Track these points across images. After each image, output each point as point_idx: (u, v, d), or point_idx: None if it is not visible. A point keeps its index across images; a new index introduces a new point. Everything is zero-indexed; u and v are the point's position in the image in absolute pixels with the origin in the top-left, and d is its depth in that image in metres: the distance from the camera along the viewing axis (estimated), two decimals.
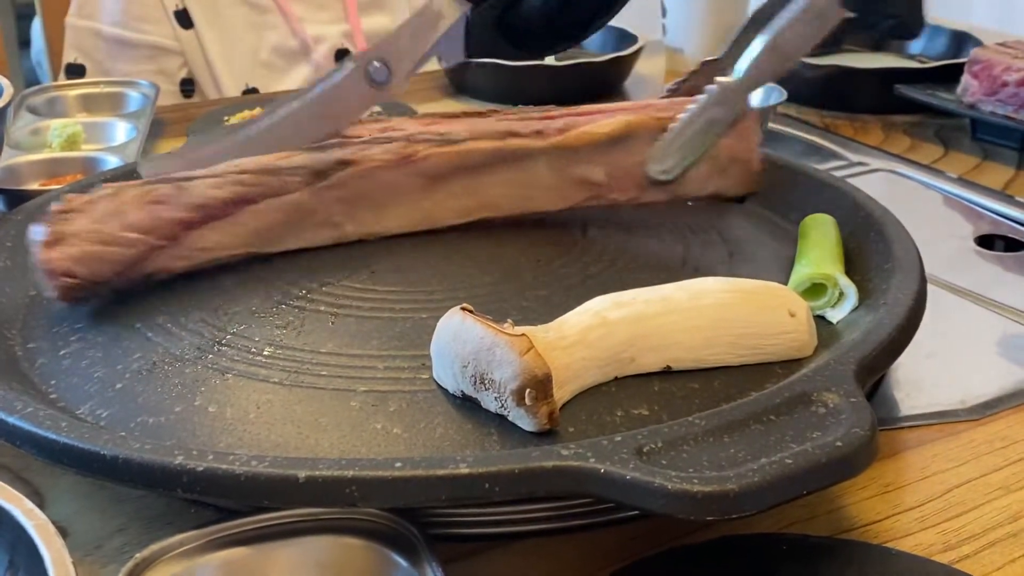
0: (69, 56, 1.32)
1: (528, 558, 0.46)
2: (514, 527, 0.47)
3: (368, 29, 1.38)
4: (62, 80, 1.30)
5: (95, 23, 1.31)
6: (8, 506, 0.39)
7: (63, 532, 0.41)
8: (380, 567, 0.41)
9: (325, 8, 1.36)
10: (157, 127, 1.01)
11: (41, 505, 0.46)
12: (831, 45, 1.13)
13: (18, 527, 0.39)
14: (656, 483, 0.40)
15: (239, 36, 1.32)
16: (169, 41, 1.31)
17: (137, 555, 0.40)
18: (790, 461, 0.40)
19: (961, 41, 1.12)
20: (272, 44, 1.33)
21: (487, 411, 0.48)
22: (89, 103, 1.04)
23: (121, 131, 0.96)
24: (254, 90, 1.31)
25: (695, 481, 0.39)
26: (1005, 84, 0.93)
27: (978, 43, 1.05)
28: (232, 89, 1.31)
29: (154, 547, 0.41)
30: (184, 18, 1.31)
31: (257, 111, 1.01)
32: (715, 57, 0.62)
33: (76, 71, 1.32)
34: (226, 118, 0.99)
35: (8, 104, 0.92)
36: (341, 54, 1.35)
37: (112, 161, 0.86)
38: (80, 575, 0.39)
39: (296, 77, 1.34)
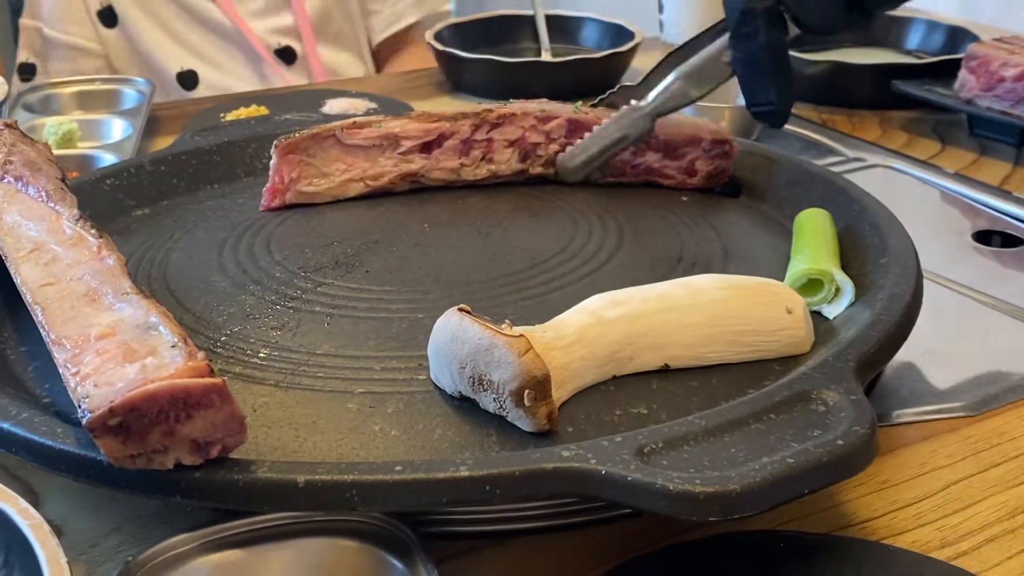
0: (22, 55, 1.34)
1: (523, 556, 0.46)
2: (509, 525, 0.47)
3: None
4: (15, 80, 1.31)
5: (38, 23, 1.33)
6: (3, 505, 0.39)
7: (58, 531, 0.41)
8: (374, 568, 0.41)
9: None
10: (153, 124, 1.00)
11: (36, 503, 0.46)
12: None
13: (13, 526, 0.38)
14: (658, 484, 0.39)
15: (171, 22, 1.32)
16: (89, 43, 1.32)
17: (130, 559, 0.40)
18: (791, 460, 0.40)
19: (958, 36, 1.11)
20: (207, 26, 1.33)
21: (486, 412, 0.47)
22: (84, 100, 1.04)
23: (117, 128, 0.95)
24: (191, 72, 1.31)
25: (697, 482, 0.39)
26: (1002, 79, 0.92)
27: (975, 38, 1.05)
28: (169, 75, 1.30)
29: (147, 552, 0.40)
30: (108, 17, 1.30)
31: (253, 108, 1.01)
32: (633, 83, 0.73)
33: (28, 70, 1.33)
34: (222, 115, 0.99)
35: (3, 102, 0.92)
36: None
37: (108, 159, 0.86)
38: (75, 574, 0.39)
39: (233, 54, 1.34)
